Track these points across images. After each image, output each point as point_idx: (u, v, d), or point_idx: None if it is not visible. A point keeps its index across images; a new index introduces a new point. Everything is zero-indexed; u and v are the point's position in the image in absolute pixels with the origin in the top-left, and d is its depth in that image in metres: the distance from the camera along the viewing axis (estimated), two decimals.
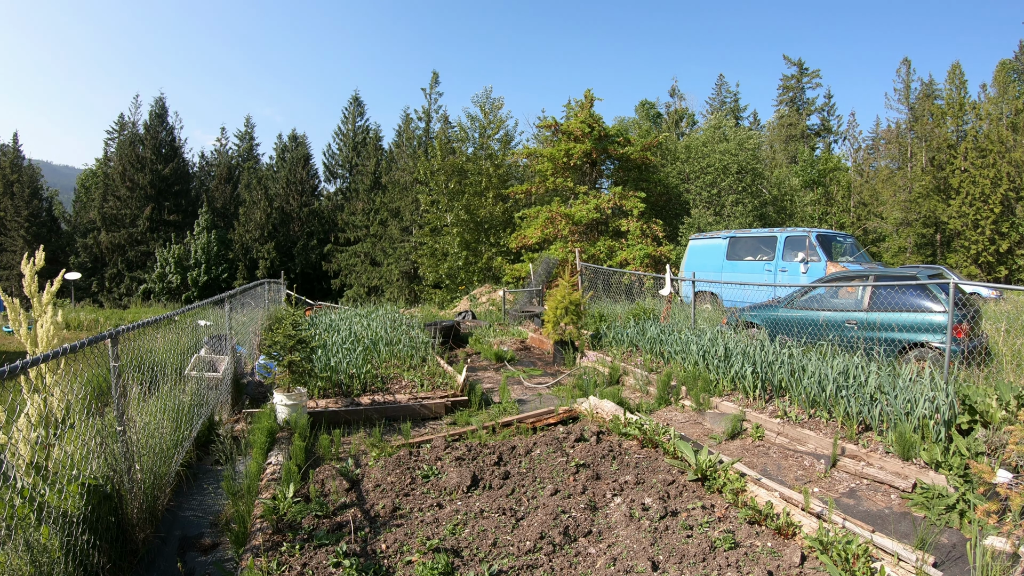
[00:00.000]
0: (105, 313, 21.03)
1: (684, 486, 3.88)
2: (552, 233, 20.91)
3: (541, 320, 10.17)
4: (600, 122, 21.83)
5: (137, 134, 37.59)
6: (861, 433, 4.70)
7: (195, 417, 4.64)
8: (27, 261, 3.39)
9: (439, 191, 26.97)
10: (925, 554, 2.97)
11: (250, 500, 3.61)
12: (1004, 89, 29.68)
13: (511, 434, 5.09)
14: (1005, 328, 7.26)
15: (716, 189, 24.46)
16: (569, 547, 3.15)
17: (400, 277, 32.71)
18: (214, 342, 6.27)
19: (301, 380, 5.37)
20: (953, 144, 26.26)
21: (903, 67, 32.91)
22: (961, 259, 24.37)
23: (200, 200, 36.94)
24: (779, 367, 5.59)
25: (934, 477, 3.95)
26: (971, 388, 4.66)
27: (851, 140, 40.30)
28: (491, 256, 25.38)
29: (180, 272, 32.99)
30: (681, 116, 42.67)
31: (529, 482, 4.07)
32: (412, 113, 39.20)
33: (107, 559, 2.82)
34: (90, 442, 2.96)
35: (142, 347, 3.93)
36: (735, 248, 12.71)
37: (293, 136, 44.75)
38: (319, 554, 3.00)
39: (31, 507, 2.48)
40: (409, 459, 4.42)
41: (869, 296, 6.87)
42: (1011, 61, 32.92)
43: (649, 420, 4.87)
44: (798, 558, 2.97)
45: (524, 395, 6.81)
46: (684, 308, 10.22)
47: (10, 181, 35.69)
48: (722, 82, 47.08)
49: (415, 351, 7.67)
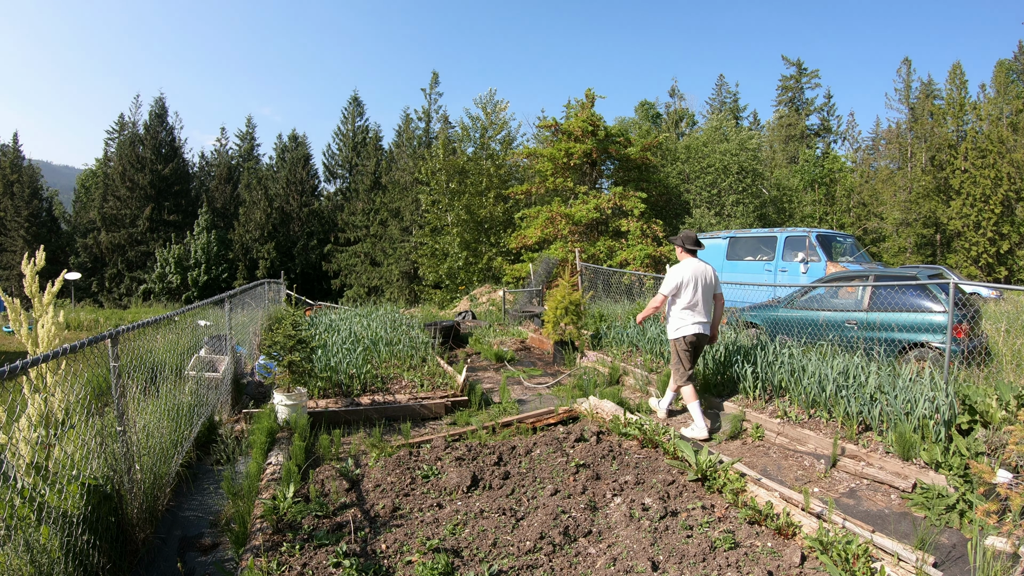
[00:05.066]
0: (105, 313, 21.05)
1: (684, 486, 3.88)
2: (552, 233, 20.91)
3: (541, 320, 10.16)
4: (601, 122, 21.83)
5: (137, 134, 37.61)
6: (861, 433, 4.70)
7: (195, 417, 4.64)
8: (27, 261, 3.38)
9: (440, 191, 26.97)
10: (925, 554, 2.97)
11: (250, 500, 3.61)
12: (1004, 89, 29.71)
13: (511, 434, 5.09)
14: (1005, 328, 7.27)
15: (716, 189, 24.47)
16: (569, 547, 3.15)
17: (400, 277, 32.72)
18: (214, 342, 6.27)
19: (301, 380, 5.37)
20: (953, 144, 26.26)
21: (903, 67, 32.94)
22: (961, 259, 24.37)
23: (200, 200, 36.97)
24: (779, 367, 5.59)
25: (934, 477, 3.95)
26: (971, 388, 4.67)
27: (851, 140, 40.37)
28: (491, 256, 25.37)
29: (180, 272, 33.00)
30: (681, 116, 42.68)
31: (529, 482, 4.07)
32: (412, 113, 39.31)
33: (107, 559, 2.82)
34: (90, 442, 2.96)
35: (142, 347, 3.93)
36: (735, 248, 12.72)
37: (293, 136, 44.75)
38: (319, 554, 3.00)
39: (31, 507, 2.48)
40: (409, 459, 4.42)
41: (869, 296, 6.87)
42: (1011, 61, 32.95)
43: (649, 420, 4.87)
44: (798, 558, 2.97)
45: (524, 395, 6.81)
46: None
47: (10, 181, 35.71)
48: (722, 82, 47.15)
49: (415, 351, 7.67)
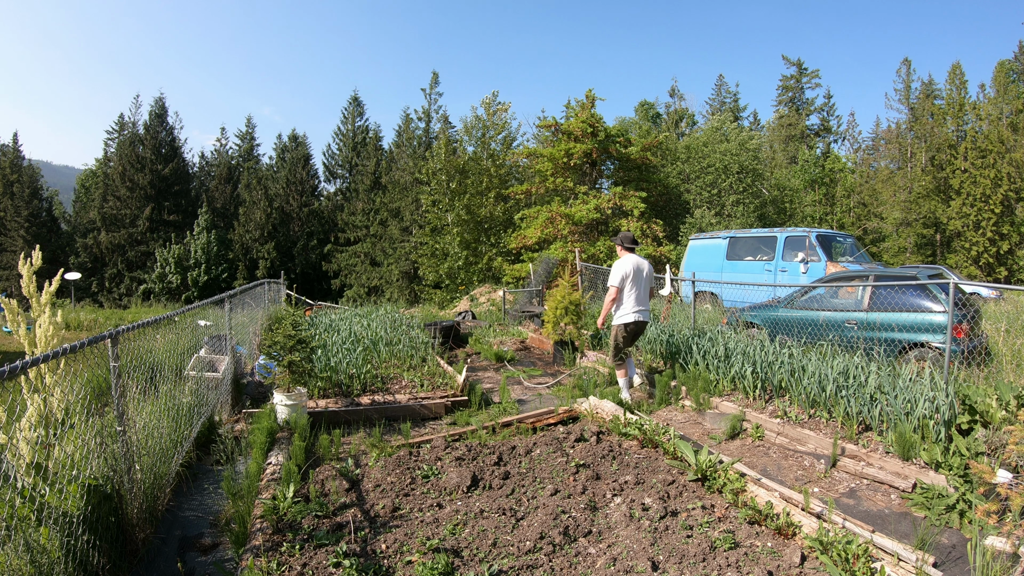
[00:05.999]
0: (105, 313, 21.06)
1: (684, 486, 3.88)
2: (552, 233, 20.90)
3: (541, 320, 10.16)
4: (601, 122, 21.82)
5: (137, 134, 37.59)
6: (861, 433, 4.70)
7: (195, 417, 4.64)
8: (25, 261, 3.38)
9: (441, 191, 26.96)
10: (925, 554, 2.97)
11: (250, 500, 3.61)
12: (1004, 89, 29.69)
13: (511, 434, 5.09)
14: (1005, 328, 7.26)
15: (717, 189, 24.45)
16: (569, 547, 3.15)
17: (400, 277, 32.71)
18: (214, 342, 6.27)
19: (301, 380, 5.36)
20: (953, 144, 26.25)
21: (903, 67, 32.91)
22: (961, 259, 24.35)
23: (200, 200, 36.95)
24: (779, 367, 5.59)
25: (934, 477, 3.95)
26: (971, 388, 4.66)
27: (851, 140, 40.36)
28: (491, 256, 25.37)
29: (180, 272, 32.99)
30: (681, 116, 42.67)
31: (529, 482, 4.06)
32: (412, 113, 39.24)
33: (107, 559, 2.82)
34: (90, 442, 2.96)
35: (142, 347, 3.92)
36: (735, 248, 12.71)
37: (293, 136, 44.72)
38: (319, 554, 3.00)
39: (31, 507, 2.48)
40: (409, 459, 4.41)
41: (869, 296, 6.87)
42: (1011, 61, 32.95)
43: (649, 420, 4.87)
44: (798, 558, 2.97)
45: (524, 395, 6.81)
46: (684, 308, 10.21)
47: (10, 181, 35.69)
48: (722, 82, 47.12)
49: (415, 351, 7.67)
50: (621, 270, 5.96)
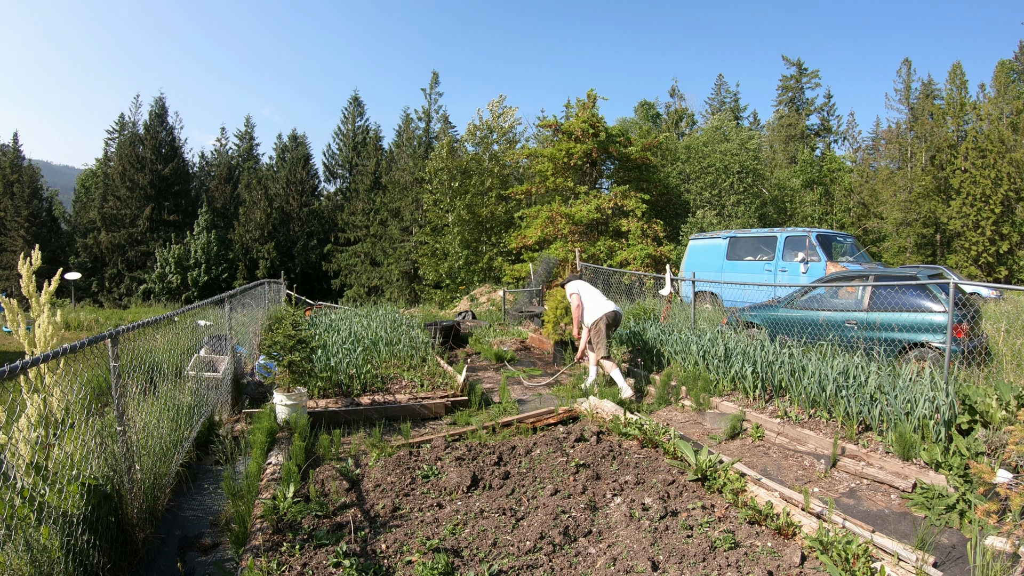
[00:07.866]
0: (105, 313, 21.04)
1: (684, 486, 3.88)
2: (552, 233, 20.91)
3: (541, 320, 10.16)
4: (602, 122, 21.82)
5: (137, 134, 37.56)
6: (861, 433, 4.70)
7: (195, 417, 4.64)
8: (24, 261, 3.38)
9: (442, 190, 26.96)
10: (925, 554, 2.97)
11: (250, 500, 3.61)
12: (1004, 89, 29.68)
13: (511, 434, 5.09)
14: (1005, 328, 7.26)
15: (717, 190, 24.45)
16: (569, 547, 3.15)
17: (400, 277, 32.71)
18: (214, 342, 6.27)
19: (301, 380, 5.36)
20: (953, 144, 26.24)
21: (903, 67, 32.88)
22: (961, 259, 24.35)
23: (200, 200, 36.93)
24: (779, 367, 5.59)
25: (934, 477, 3.95)
26: (971, 388, 4.66)
27: (851, 140, 40.36)
28: (491, 256, 25.37)
29: (180, 272, 32.98)
30: (681, 116, 42.67)
31: (529, 482, 4.06)
32: (412, 113, 39.21)
33: (107, 559, 2.81)
34: (90, 442, 2.96)
35: (142, 347, 3.92)
36: (735, 248, 12.71)
37: (293, 136, 44.69)
38: (319, 554, 3.00)
39: (31, 507, 2.48)
40: (409, 459, 4.41)
41: (869, 296, 6.87)
42: (1011, 61, 32.93)
43: (649, 420, 4.87)
44: (798, 558, 2.97)
45: (524, 395, 6.81)
46: (684, 308, 10.21)
47: (10, 181, 35.68)
48: (722, 82, 47.10)
49: (415, 351, 7.67)
50: (575, 287, 7.00)
